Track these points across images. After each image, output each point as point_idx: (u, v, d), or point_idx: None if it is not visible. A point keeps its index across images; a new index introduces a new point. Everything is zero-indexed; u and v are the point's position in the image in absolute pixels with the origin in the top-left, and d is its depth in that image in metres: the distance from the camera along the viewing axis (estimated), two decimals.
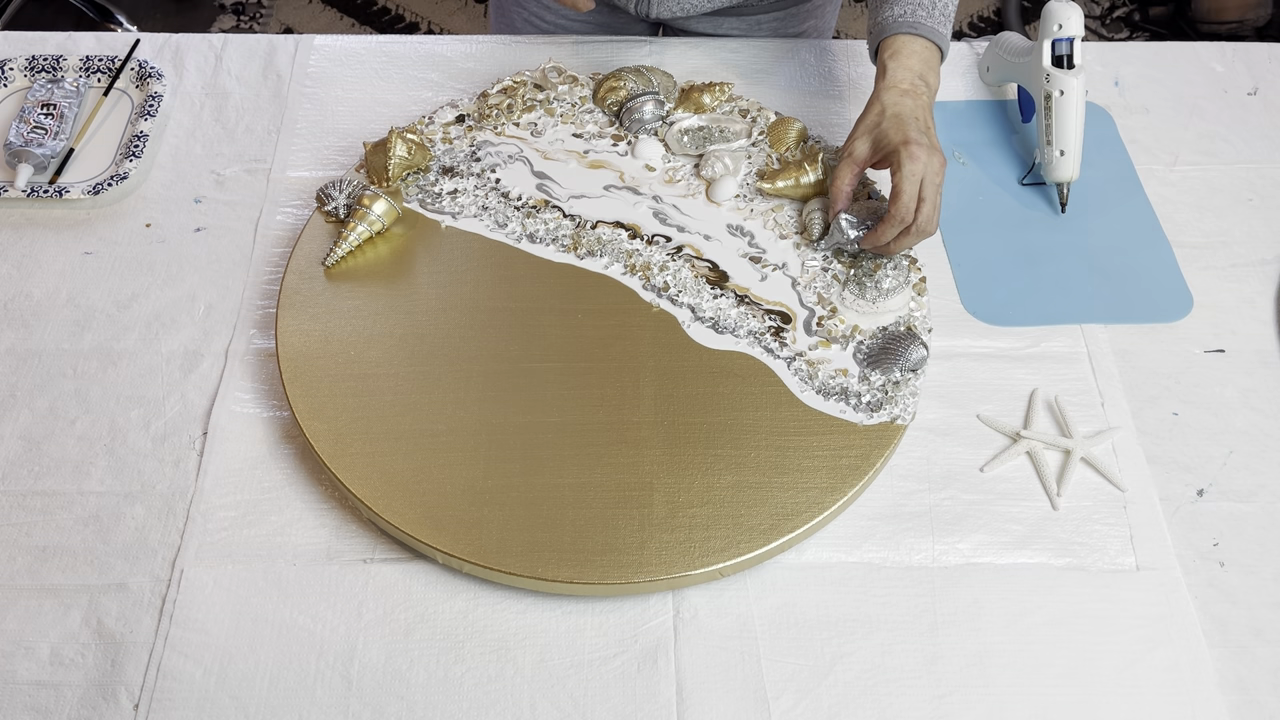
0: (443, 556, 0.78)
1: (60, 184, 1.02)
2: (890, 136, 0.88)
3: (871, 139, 0.90)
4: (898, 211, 0.87)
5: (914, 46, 0.92)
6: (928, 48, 0.93)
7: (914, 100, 0.90)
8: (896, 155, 0.87)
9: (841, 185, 0.91)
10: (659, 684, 0.76)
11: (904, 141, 0.87)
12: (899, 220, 0.87)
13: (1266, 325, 0.96)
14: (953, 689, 0.76)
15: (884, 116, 0.89)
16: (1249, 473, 0.87)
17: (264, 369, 0.91)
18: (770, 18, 1.19)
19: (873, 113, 0.90)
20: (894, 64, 0.92)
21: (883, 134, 0.89)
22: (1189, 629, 0.78)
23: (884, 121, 0.89)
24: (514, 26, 1.24)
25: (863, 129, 0.90)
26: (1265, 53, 1.20)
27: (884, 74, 0.92)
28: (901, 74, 0.91)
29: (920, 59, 0.92)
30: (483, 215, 0.98)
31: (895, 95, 0.90)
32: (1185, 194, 1.06)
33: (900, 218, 0.87)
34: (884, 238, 0.89)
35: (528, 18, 1.21)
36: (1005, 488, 0.85)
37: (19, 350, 0.92)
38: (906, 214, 0.87)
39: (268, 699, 0.75)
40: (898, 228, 0.88)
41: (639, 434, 0.84)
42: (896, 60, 0.92)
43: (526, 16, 1.21)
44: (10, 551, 0.81)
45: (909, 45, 0.92)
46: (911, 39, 0.92)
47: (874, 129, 0.90)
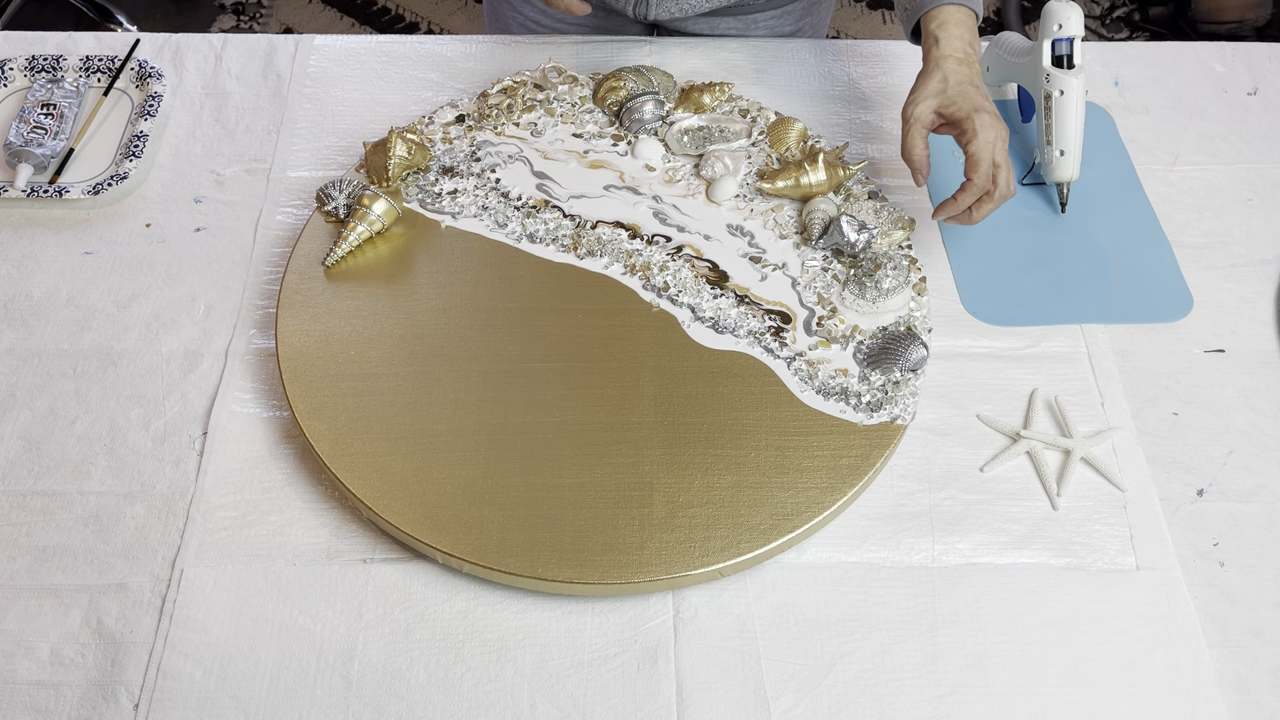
0: (443, 556, 0.78)
1: (60, 184, 1.02)
2: (960, 104, 0.90)
3: (937, 104, 0.91)
4: (979, 178, 0.89)
5: (959, 16, 0.94)
6: (970, 16, 0.95)
7: (970, 69, 0.92)
8: (970, 122, 0.89)
9: (919, 150, 0.91)
10: (659, 684, 0.76)
11: (975, 109, 0.89)
12: (980, 187, 0.90)
13: (1266, 325, 0.96)
14: (953, 689, 0.76)
15: (948, 84, 0.91)
16: (1249, 473, 0.87)
17: (264, 369, 0.91)
18: (766, 16, 1.19)
19: (934, 80, 0.91)
20: (944, 34, 0.93)
21: (949, 101, 0.90)
22: (1189, 629, 0.78)
23: (949, 89, 0.91)
24: (509, 29, 1.23)
25: (925, 94, 0.91)
26: (1265, 53, 1.20)
27: (936, 43, 0.93)
28: (955, 43, 0.93)
29: (967, 28, 0.94)
30: (483, 215, 0.98)
31: (953, 64, 0.92)
32: (1185, 194, 1.06)
33: (981, 185, 0.90)
34: (964, 204, 0.91)
35: (523, 21, 1.21)
36: (1005, 488, 0.85)
37: (19, 350, 0.92)
38: (987, 180, 0.89)
39: (268, 699, 0.75)
40: (978, 194, 0.90)
41: (639, 434, 0.84)
42: (946, 30, 0.93)
43: (522, 20, 1.21)
44: (10, 551, 0.81)
45: (955, 15, 0.94)
46: (957, 9, 0.94)
47: (939, 95, 0.91)
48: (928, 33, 0.94)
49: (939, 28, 0.93)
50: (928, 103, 0.91)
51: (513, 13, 1.21)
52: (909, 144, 0.92)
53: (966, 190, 0.90)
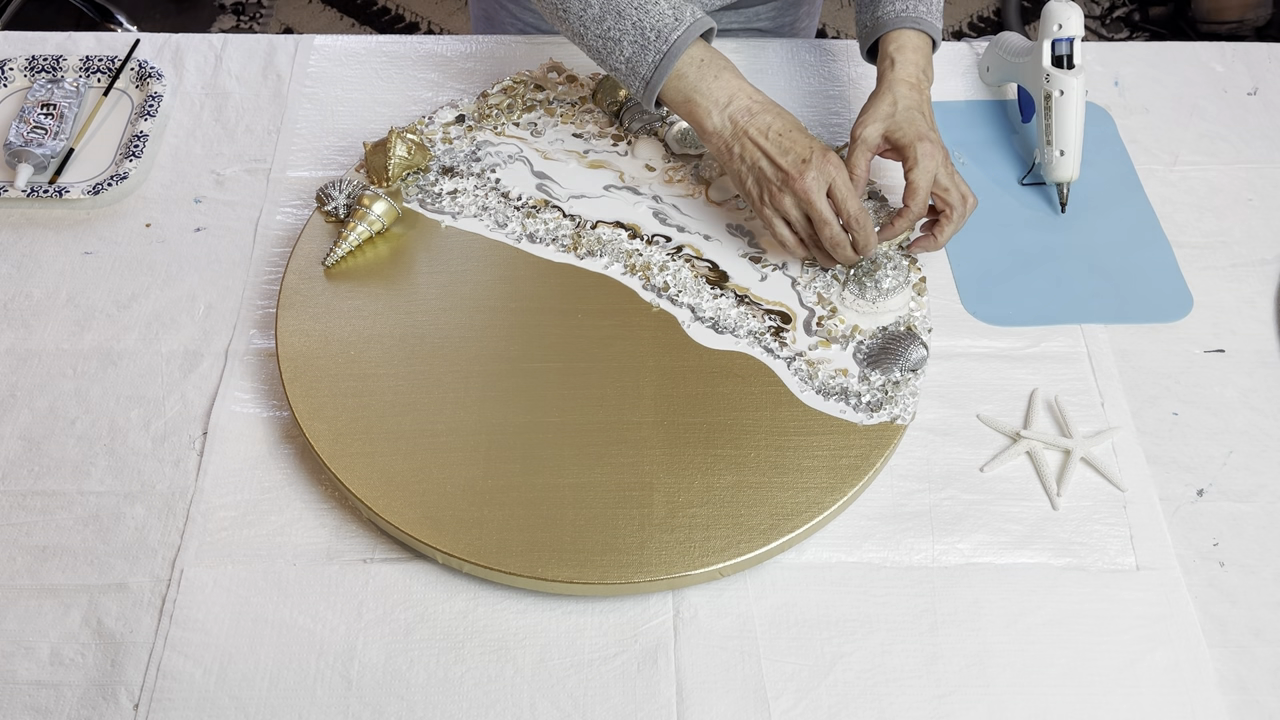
0: (443, 556, 0.78)
1: (60, 184, 1.02)
2: (905, 130, 0.91)
3: (885, 128, 0.92)
4: (915, 206, 0.90)
5: (917, 41, 0.95)
6: (927, 43, 0.96)
7: (919, 95, 0.93)
8: (911, 150, 0.90)
9: (862, 170, 0.92)
10: (659, 684, 0.76)
11: (919, 137, 0.90)
12: (915, 214, 0.91)
13: (1266, 325, 0.96)
14: (953, 689, 0.76)
15: (896, 109, 0.92)
16: (1249, 473, 0.87)
17: (264, 369, 0.91)
18: (768, 9, 1.19)
19: (884, 103, 0.92)
20: (900, 57, 0.94)
21: (896, 126, 0.91)
22: (1189, 629, 0.78)
23: (897, 114, 0.91)
24: (504, 29, 1.23)
25: (874, 117, 0.92)
26: (1265, 53, 1.20)
27: (891, 66, 0.94)
28: (909, 69, 0.94)
29: (923, 54, 0.95)
30: (483, 215, 0.98)
31: (905, 89, 0.93)
32: (1185, 194, 1.06)
33: (917, 212, 0.91)
34: (899, 230, 0.92)
35: (516, 23, 1.21)
36: (1005, 488, 0.85)
37: (19, 350, 0.92)
38: (922, 209, 0.91)
39: (268, 699, 0.75)
40: (912, 221, 0.91)
41: (639, 434, 0.84)
42: (903, 54, 0.94)
43: (515, 22, 1.21)
44: (10, 551, 0.81)
45: (913, 40, 0.95)
46: (914, 34, 0.95)
47: (888, 119, 0.92)
48: (884, 54, 0.95)
49: (896, 50, 0.95)
50: (876, 125, 0.92)
51: (506, 15, 1.21)
52: (853, 163, 0.92)
53: (903, 217, 0.91)
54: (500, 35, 1.19)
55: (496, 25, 1.24)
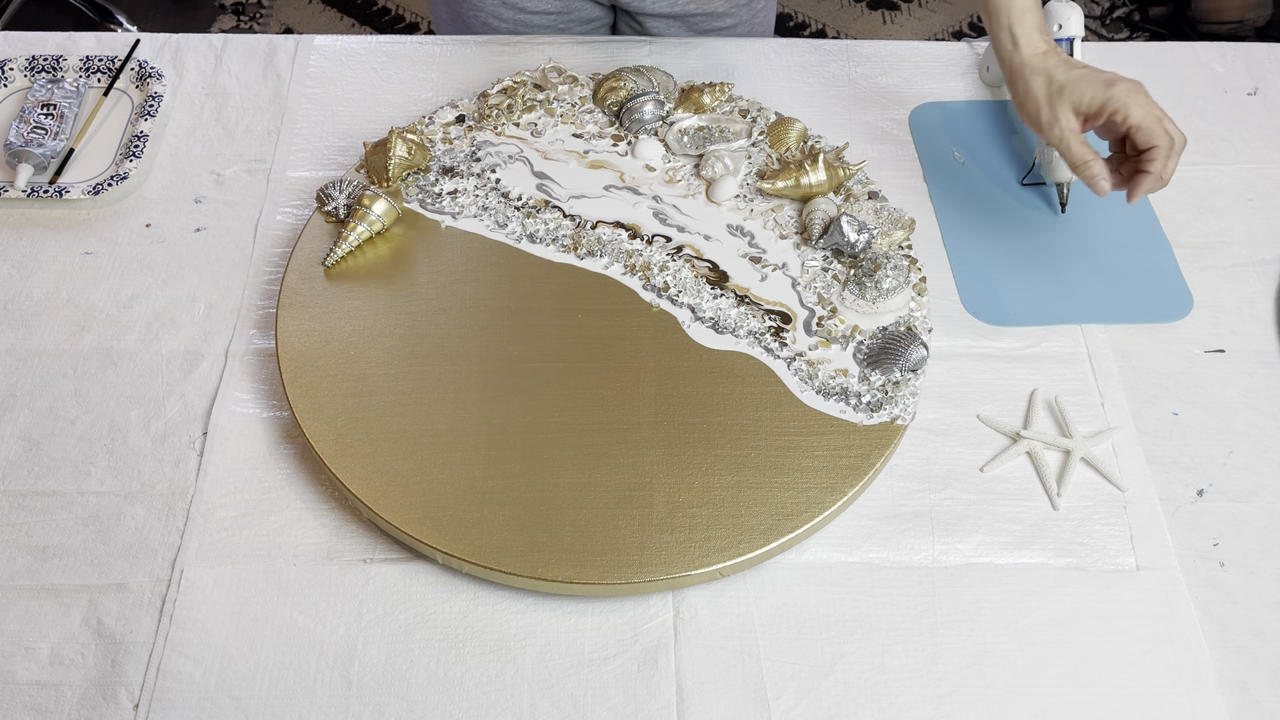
0: (443, 556, 0.78)
1: (60, 184, 1.02)
2: (1088, 93, 0.84)
3: (1069, 107, 0.85)
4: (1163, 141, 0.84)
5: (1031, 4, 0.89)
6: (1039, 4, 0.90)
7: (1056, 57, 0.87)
8: (1110, 101, 0.84)
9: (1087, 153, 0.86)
10: (659, 684, 0.76)
11: (1107, 85, 0.84)
12: (1167, 148, 0.85)
13: (1266, 325, 0.96)
14: (953, 689, 0.76)
15: (1053, 85, 0.86)
16: (1249, 473, 0.87)
17: (264, 369, 0.91)
18: None
19: (1037, 88, 0.86)
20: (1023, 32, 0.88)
21: (1075, 96, 0.85)
22: (1189, 629, 0.78)
23: (1066, 87, 0.85)
24: (468, 25, 1.22)
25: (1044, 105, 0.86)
26: (1265, 53, 1.20)
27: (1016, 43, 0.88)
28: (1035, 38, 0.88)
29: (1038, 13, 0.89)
30: (483, 215, 0.98)
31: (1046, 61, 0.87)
32: (1185, 194, 1.06)
33: (1167, 145, 0.85)
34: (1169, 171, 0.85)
35: (484, 20, 1.20)
36: (1005, 488, 0.85)
37: (19, 350, 0.92)
38: (1167, 138, 0.85)
39: (268, 699, 0.75)
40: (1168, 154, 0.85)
41: (639, 434, 0.84)
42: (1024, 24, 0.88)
43: (484, 19, 1.20)
44: (10, 551, 0.81)
45: None
46: None
47: (1061, 97, 0.85)
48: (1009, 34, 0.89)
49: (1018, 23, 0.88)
50: (1064, 112, 0.85)
51: (472, 11, 1.20)
52: (1073, 154, 0.85)
53: (1157, 158, 0.84)
54: (500, 36, 1.19)
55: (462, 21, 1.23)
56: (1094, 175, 0.86)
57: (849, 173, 0.99)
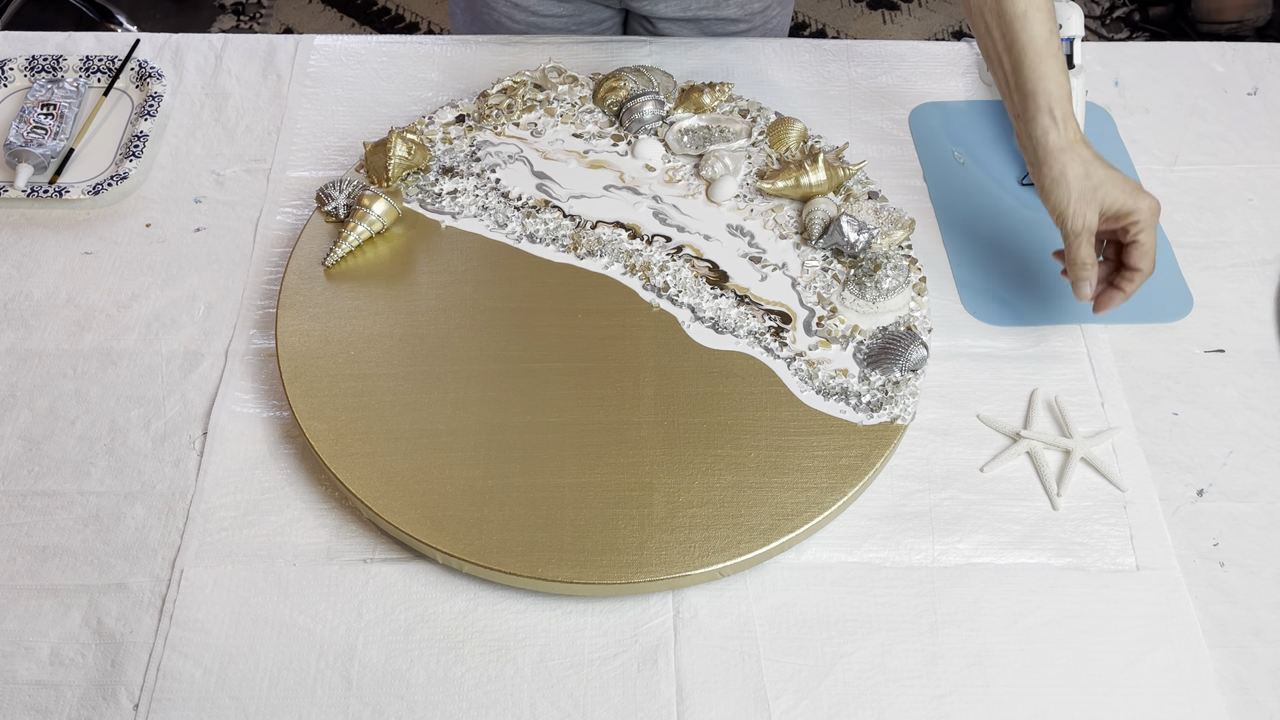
0: (443, 556, 0.78)
1: (60, 184, 1.02)
2: (1119, 199, 0.84)
3: (1097, 206, 0.84)
4: (1148, 267, 0.85)
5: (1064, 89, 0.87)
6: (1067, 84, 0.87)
7: (1090, 147, 0.86)
8: (1136, 212, 0.84)
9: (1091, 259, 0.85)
10: (659, 684, 0.76)
11: (1135, 195, 0.84)
12: (1147, 275, 0.86)
13: (1266, 325, 0.96)
14: (953, 689, 0.76)
15: (1089, 179, 0.84)
16: (1249, 473, 0.87)
17: (264, 369, 0.91)
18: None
19: (1073, 177, 0.84)
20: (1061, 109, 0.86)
21: (1106, 199, 0.84)
22: (1189, 629, 0.78)
23: (1100, 186, 0.84)
24: (482, 25, 1.23)
25: (1076, 196, 0.84)
26: (1265, 53, 1.20)
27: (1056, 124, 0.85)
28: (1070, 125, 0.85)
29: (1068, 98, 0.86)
30: (483, 215, 0.98)
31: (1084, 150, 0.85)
32: (1185, 194, 1.06)
33: (1148, 272, 0.85)
34: (1131, 292, 0.86)
35: (498, 20, 1.21)
36: (1005, 488, 0.85)
37: (19, 350, 0.92)
38: (1152, 268, 0.85)
39: (268, 699, 0.75)
40: (1141, 283, 0.86)
41: (639, 434, 0.84)
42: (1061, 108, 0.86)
43: (496, 19, 1.21)
44: (10, 551, 0.81)
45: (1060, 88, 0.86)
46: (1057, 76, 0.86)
47: (1094, 194, 0.84)
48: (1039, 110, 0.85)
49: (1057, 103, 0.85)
50: (1089, 208, 0.84)
51: (487, 10, 1.21)
52: (1078, 255, 0.85)
53: (1135, 281, 0.85)
54: (500, 35, 1.19)
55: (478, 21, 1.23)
56: (1086, 279, 0.86)
57: (849, 173, 0.99)
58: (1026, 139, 0.87)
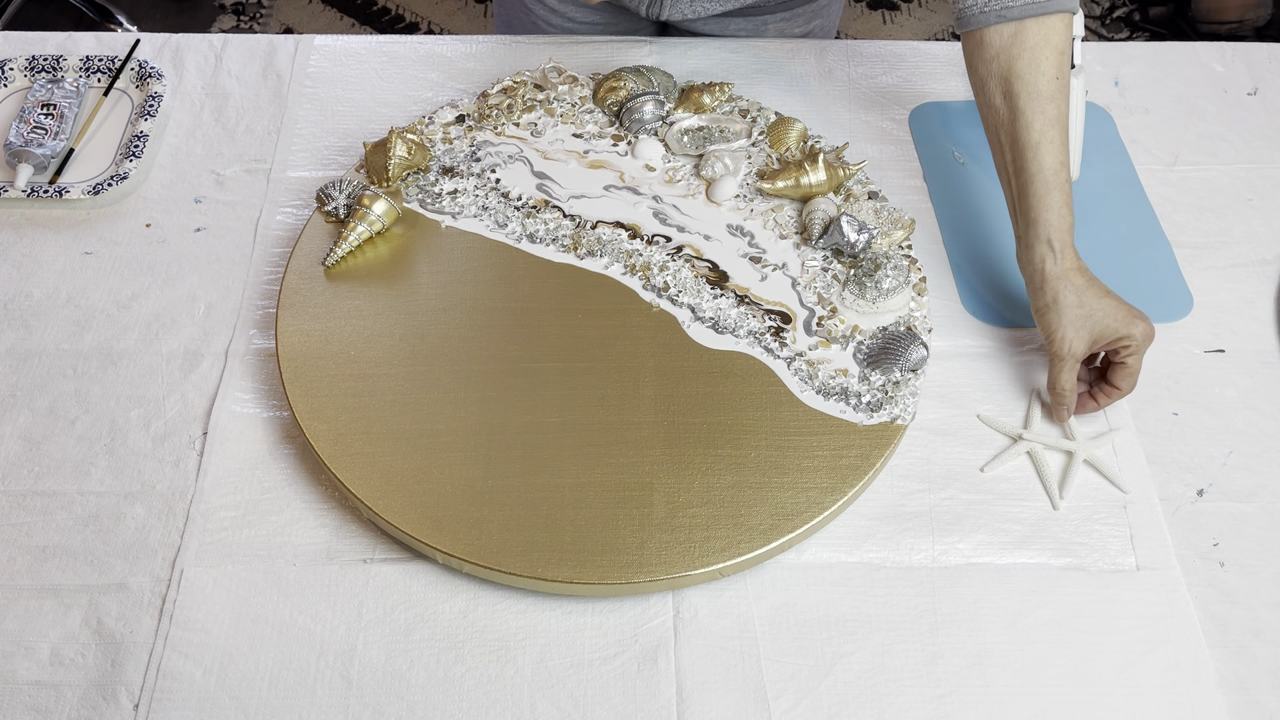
0: (443, 556, 0.78)
1: (60, 184, 1.02)
2: (1111, 325, 0.84)
3: (1088, 334, 0.84)
4: (1127, 388, 0.86)
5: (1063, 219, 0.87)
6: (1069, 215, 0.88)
7: (1087, 277, 0.86)
8: (1131, 338, 0.84)
9: (1071, 386, 0.86)
10: (659, 684, 0.76)
11: (1131, 320, 0.84)
12: (1125, 394, 0.87)
13: (1266, 325, 0.96)
14: (953, 689, 0.76)
15: (1081, 308, 0.84)
16: (1249, 473, 0.87)
17: (264, 369, 0.91)
18: (777, 18, 1.19)
19: (1066, 304, 0.84)
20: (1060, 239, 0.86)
21: (1099, 326, 0.84)
22: (1189, 629, 0.78)
23: (1092, 315, 0.84)
24: (521, 26, 1.23)
25: (1067, 323, 0.84)
26: (1265, 53, 1.20)
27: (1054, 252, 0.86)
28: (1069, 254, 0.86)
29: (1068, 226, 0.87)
30: (483, 215, 0.98)
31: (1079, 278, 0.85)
32: (1185, 194, 1.06)
33: (1127, 393, 0.86)
34: (1105, 406, 0.88)
35: (535, 23, 1.21)
36: (1005, 488, 0.85)
37: (19, 350, 0.92)
38: (1133, 389, 0.87)
39: (268, 699, 0.75)
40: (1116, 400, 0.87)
41: (639, 434, 0.84)
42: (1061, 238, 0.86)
43: (534, 22, 1.21)
44: (10, 551, 0.81)
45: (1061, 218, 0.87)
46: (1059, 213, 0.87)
47: (1086, 322, 0.84)
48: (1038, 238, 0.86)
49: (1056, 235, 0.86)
50: (1078, 336, 0.84)
51: (524, 13, 1.21)
52: (1059, 380, 0.86)
53: (1112, 397, 0.86)
54: (501, 35, 1.19)
55: (512, 22, 1.24)
56: (1065, 405, 0.87)
57: (849, 173, 0.99)
58: (1025, 263, 0.88)
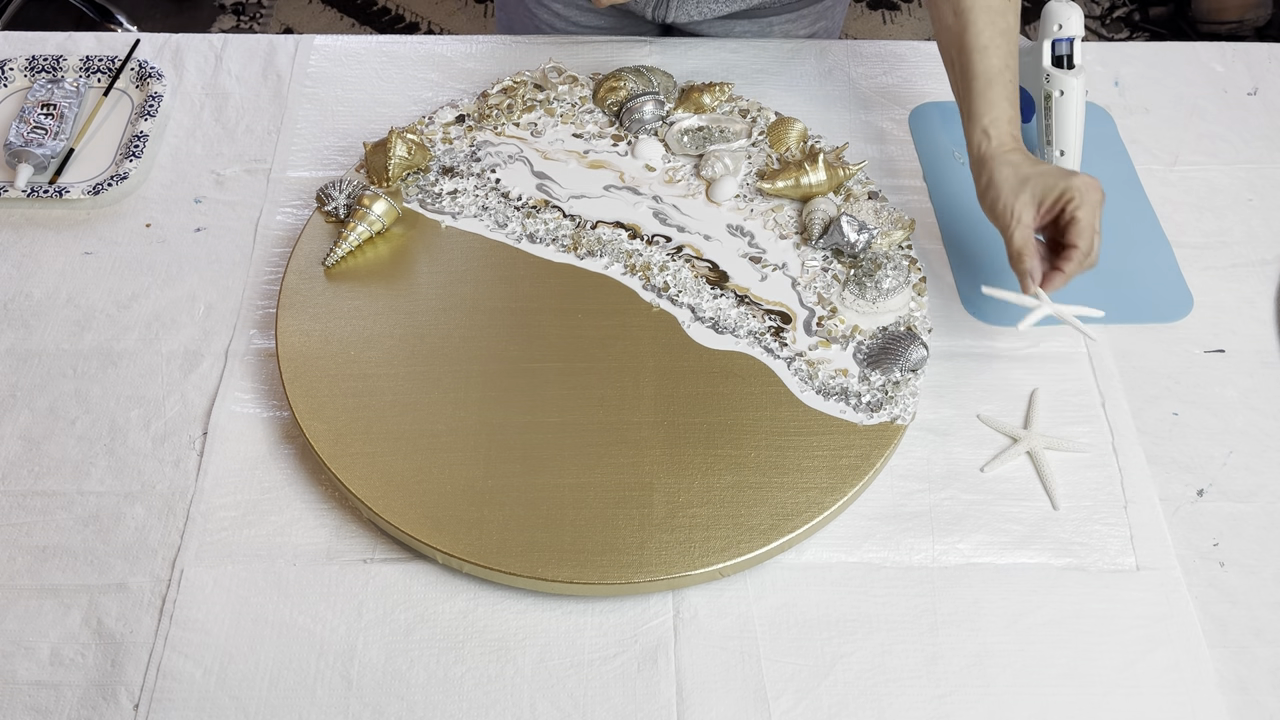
0: (443, 556, 0.78)
1: (60, 184, 1.02)
2: (1049, 183, 0.84)
3: (1032, 197, 0.85)
4: (1085, 244, 0.84)
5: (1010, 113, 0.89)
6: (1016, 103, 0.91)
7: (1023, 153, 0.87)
8: (1069, 190, 0.84)
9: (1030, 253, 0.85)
10: (659, 684, 0.76)
11: (1067, 176, 0.84)
12: (1085, 253, 0.84)
13: (1266, 325, 0.96)
14: (953, 689, 0.76)
15: (1017, 176, 0.85)
16: (1249, 473, 0.87)
17: (264, 369, 0.91)
18: (782, 19, 1.19)
19: (1002, 178, 0.86)
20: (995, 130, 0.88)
21: (1038, 187, 0.85)
22: (1189, 629, 0.78)
23: (1028, 180, 0.85)
24: (523, 27, 1.23)
25: (1007, 193, 0.85)
26: (1265, 53, 1.20)
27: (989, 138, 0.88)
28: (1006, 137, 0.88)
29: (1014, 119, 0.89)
30: (483, 215, 0.98)
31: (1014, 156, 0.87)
32: (1185, 194, 1.06)
33: (1086, 250, 0.84)
34: (1074, 275, 0.85)
35: (538, 25, 1.21)
36: (1005, 488, 0.85)
37: (19, 350, 0.92)
38: (1090, 246, 0.84)
39: (268, 699, 0.75)
40: (1081, 262, 0.85)
41: (639, 434, 0.84)
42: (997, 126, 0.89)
43: (537, 24, 1.21)
44: (10, 551, 0.81)
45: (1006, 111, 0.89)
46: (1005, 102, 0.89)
47: (1024, 186, 0.85)
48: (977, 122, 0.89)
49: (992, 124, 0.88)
50: (1024, 203, 0.84)
51: (527, 14, 1.21)
52: (1020, 254, 0.85)
53: (1073, 259, 0.84)
54: (501, 35, 1.19)
55: (515, 22, 1.24)
56: (1027, 269, 0.85)
57: (849, 173, 0.99)
58: (970, 161, 0.89)
